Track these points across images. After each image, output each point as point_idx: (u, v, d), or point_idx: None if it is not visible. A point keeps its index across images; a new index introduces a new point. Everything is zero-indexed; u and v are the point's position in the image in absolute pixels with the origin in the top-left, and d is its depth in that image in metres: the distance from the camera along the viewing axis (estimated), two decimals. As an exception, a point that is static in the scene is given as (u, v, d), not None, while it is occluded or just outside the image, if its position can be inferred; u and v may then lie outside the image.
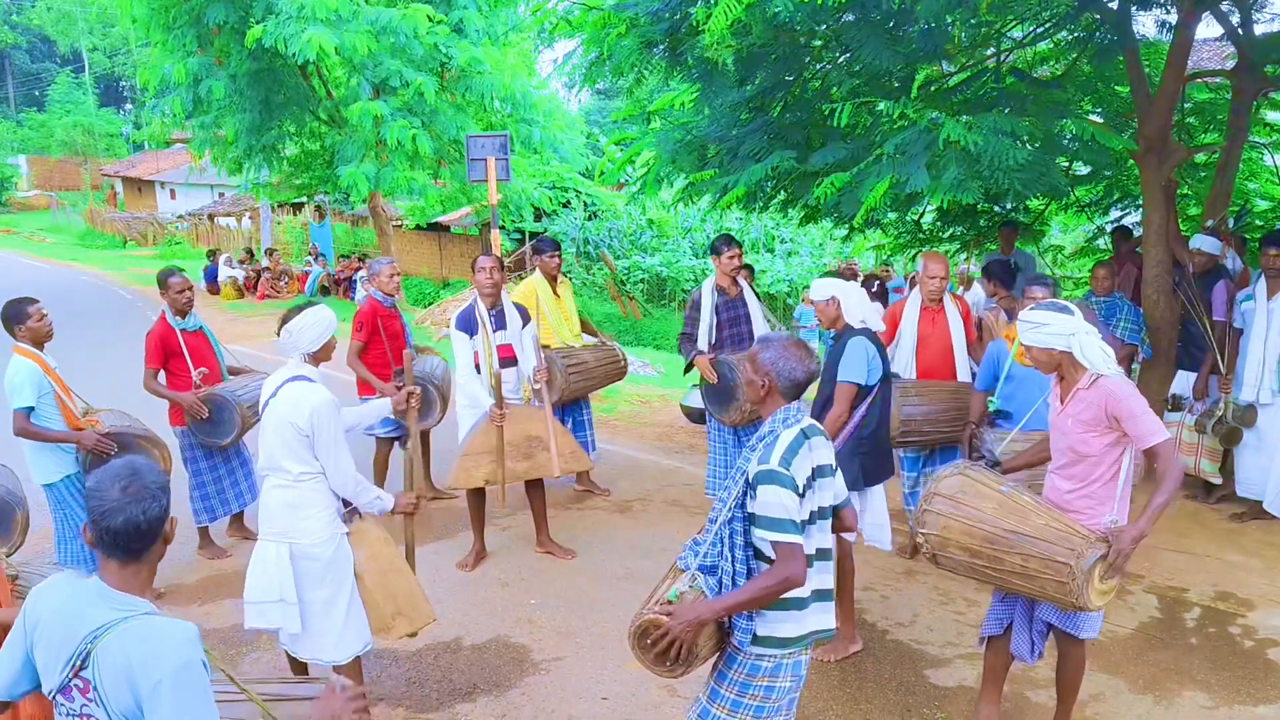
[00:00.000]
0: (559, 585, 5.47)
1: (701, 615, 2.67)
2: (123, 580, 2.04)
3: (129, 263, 28.28)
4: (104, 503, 2.00)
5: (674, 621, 2.65)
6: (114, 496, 2.00)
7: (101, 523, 2.00)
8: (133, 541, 2.02)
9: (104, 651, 1.93)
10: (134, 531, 2.01)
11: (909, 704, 4.21)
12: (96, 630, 1.95)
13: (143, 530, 2.02)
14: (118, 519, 1.99)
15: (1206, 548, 5.88)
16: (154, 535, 2.06)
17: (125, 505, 2.00)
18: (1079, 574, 3.22)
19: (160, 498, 2.06)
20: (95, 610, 1.99)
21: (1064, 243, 13.19)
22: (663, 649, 2.68)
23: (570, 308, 6.80)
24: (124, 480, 2.03)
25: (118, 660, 1.92)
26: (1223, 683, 4.34)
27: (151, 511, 2.03)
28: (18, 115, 54.72)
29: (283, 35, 12.31)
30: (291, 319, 3.77)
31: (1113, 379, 3.34)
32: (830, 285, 4.48)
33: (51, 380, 4.96)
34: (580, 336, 6.86)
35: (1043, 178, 5.53)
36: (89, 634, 1.95)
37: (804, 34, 6.16)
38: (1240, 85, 6.76)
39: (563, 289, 6.79)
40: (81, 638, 1.96)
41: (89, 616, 1.98)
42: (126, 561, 2.04)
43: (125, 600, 2.01)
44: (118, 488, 2.01)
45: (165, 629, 1.98)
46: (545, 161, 17.90)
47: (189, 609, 5.27)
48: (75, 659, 1.96)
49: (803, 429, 2.77)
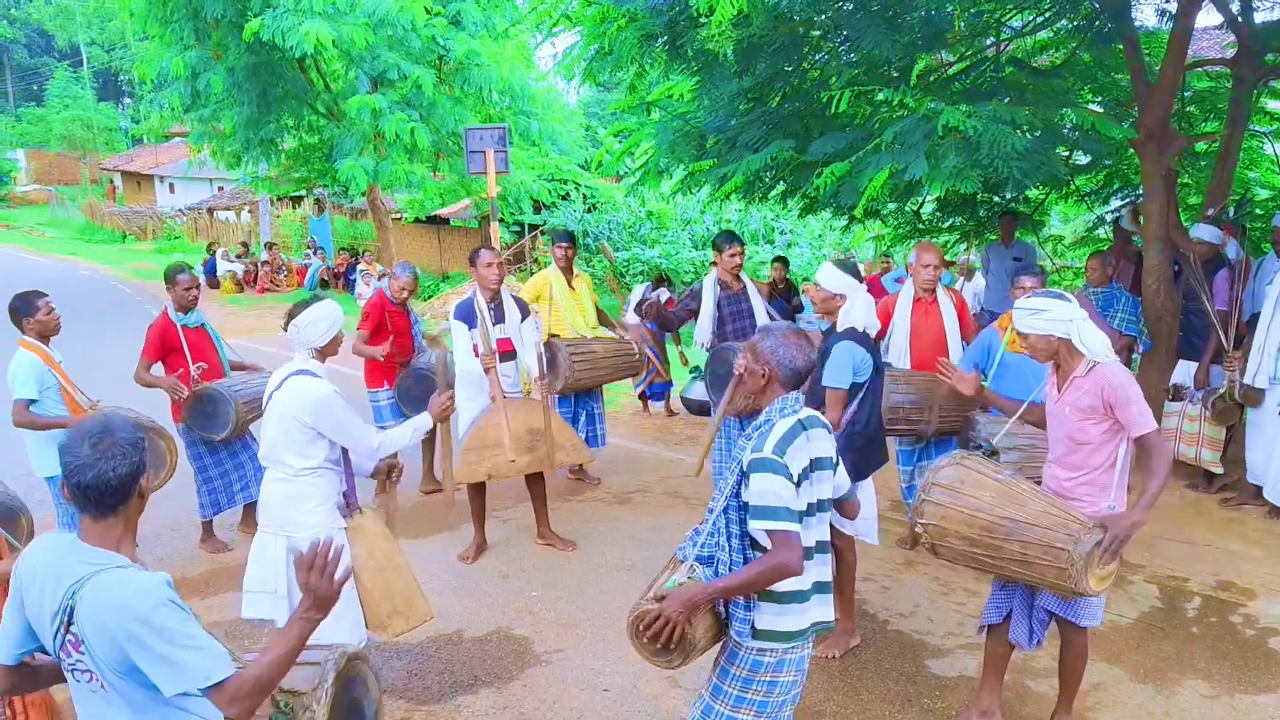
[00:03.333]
0: (560, 577, 5.48)
1: (694, 597, 2.65)
2: (98, 536, 2.07)
3: (128, 257, 28.28)
4: (76, 459, 2.03)
5: (666, 604, 2.65)
6: (85, 453, 2.02)
7: (73, 478, 2.03)
8: (104, 496, 2.04)
9: (83, 606, 1.97)
10: (105, 487, 2.03)
11: (910, 694, 4.21)
12: (74, 585, 1.98)
13: (114, 486, 2.04)
14: (88, 474, 2.02)
15: (1207, 537, 5.88)
16: (126, 491, 2.07)
17: (95, 461, 2.02)
18: (1077, 559, 3.23)
19: (131, 454, 2.07)
20: (71, 566, 2.01)
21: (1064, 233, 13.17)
22: (656, 633, 2.66)
23: (586, 300, 6.78)
24: (95, 436, 2.05)
25: (95, 613, 1.96)
26: (1224, 672, 4.35)
27: (122, 468, 2.05)
28: (16, 110, 54.71)
29: (280, 28, 12.29)
30: (299, 313, 3.76)
31: (1110, 366, 3.34)
32: (843, 281, 4.38)
33: (56, 374, 4.97)
34: (596, 328, 6.85)
35: (1042, 167, 5.52)
36: (67, 590, 1.98)
37: (803, 23, 6.14)
38: (1240, 74, 6.75)
39: (579, 282, 6.79)
40: (62, 594, 1.99)
41: (67, 572, 2.01)
42: (99, 516, 2.06)
43: (98, 555, 2.04)
44: (88, 444, 2.04)
45: (133, 578, 2.00)
46: (544, 154, 17.86)
47: (191, 602, 5.25)
48: (61, 614, 1.99)
49: (800, 419, 2.76)
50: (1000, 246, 8.75)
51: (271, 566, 3.67)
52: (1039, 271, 5.01)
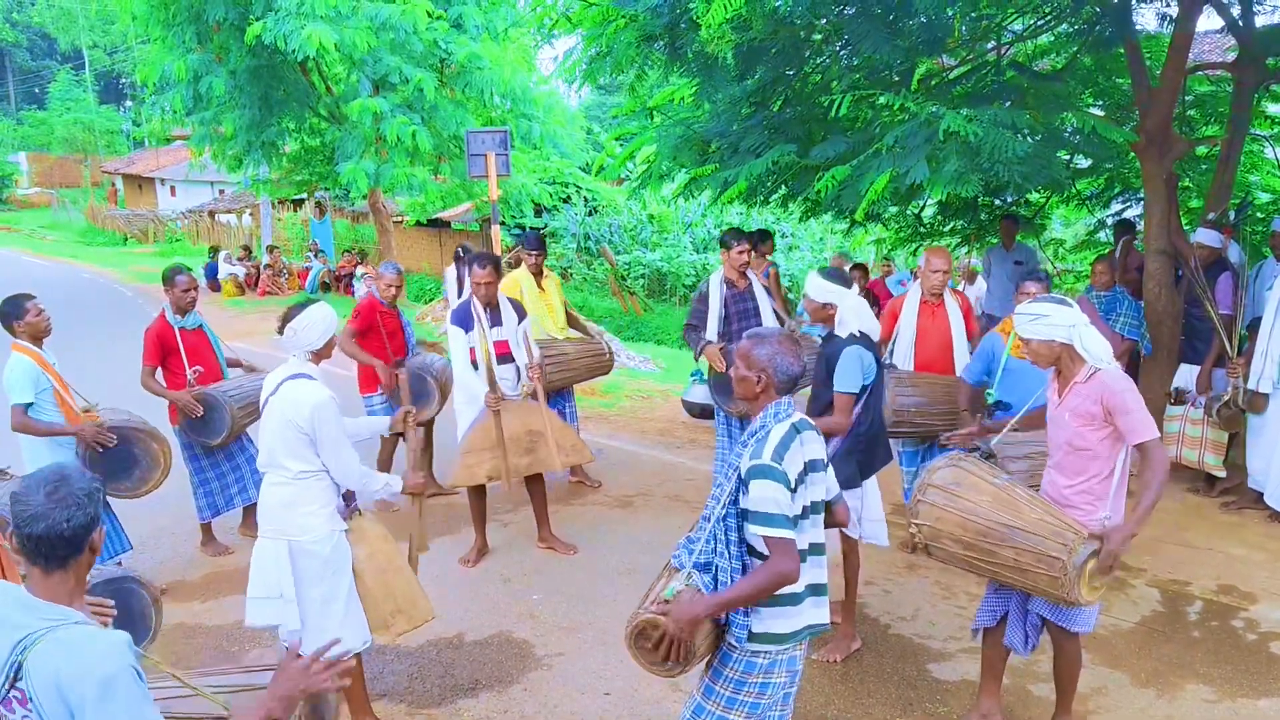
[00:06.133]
0: (561, 581, 5.47)
1: (698, 612, 2.67)
2: (48, 589, 1.96)
3: (130, 260, 28.28)
4: (27, 508, 1.92)
5: (671, 620, 2.65)
6: (38, 501, 1.92)
7: (24, 529, 1.92)
8: (55, 549, 1.93)
9: (34, 663, 1.85)
10: (56, 539, 1.92)
11: (911, 698, 4.21)
12: (23, 640, 1.87)
13: (65, 538, 1.93)
14: (39, 525, 1.91)
15: (1209, 541, 5.87)
16: (78, 544, 1.96)
17: (49, 511, 1.92)
18: (1070, 568, 3.22)
19: (86, 506, 1.96)
20: (22, 619, 1.90)
21: (1065, 236, 13.18)
22: (661, 648, 2.67)
23: (555, 301, 6.82)
24: (50, 485, 1.95)
25: (47, 673, 1.85)
26: (1225, 676, 4.34)
27: (76, 520, 1.94)
28: (18, 113, 54.72)
29: (282, 31, 12.29)
30: (294, 317, 3.76)
31: (1110, 372, 3.34)
32: (828, 290, 4.35)
33: (50, 376, 4.96)
34: (566, 330, 6.86)
35: (1043, 170, 5.53)
36: (17, 645, 1.87)
37: (804, 28, 6.15)
38: (1241, 78, 6.76)
39: (548, 282, 6.81)
40: (10, 648, 1.87)
41: (16, 625, 1.90)
42: (50, 570, 1.95)
43: (51, 610, 1.93)
44: (43, 493, 1.93)
45: (91, 640, 1.90)
46: (545, 157, 17.87)
47: (191, 605, 5.28)
48: (8, 670, 1.87)
49: (794, 424, 2.77)
50: (1001, 250, 8.75)
51: (275, 571, 3.66)
52: (1043, 276, 5.01)
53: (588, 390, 9.67)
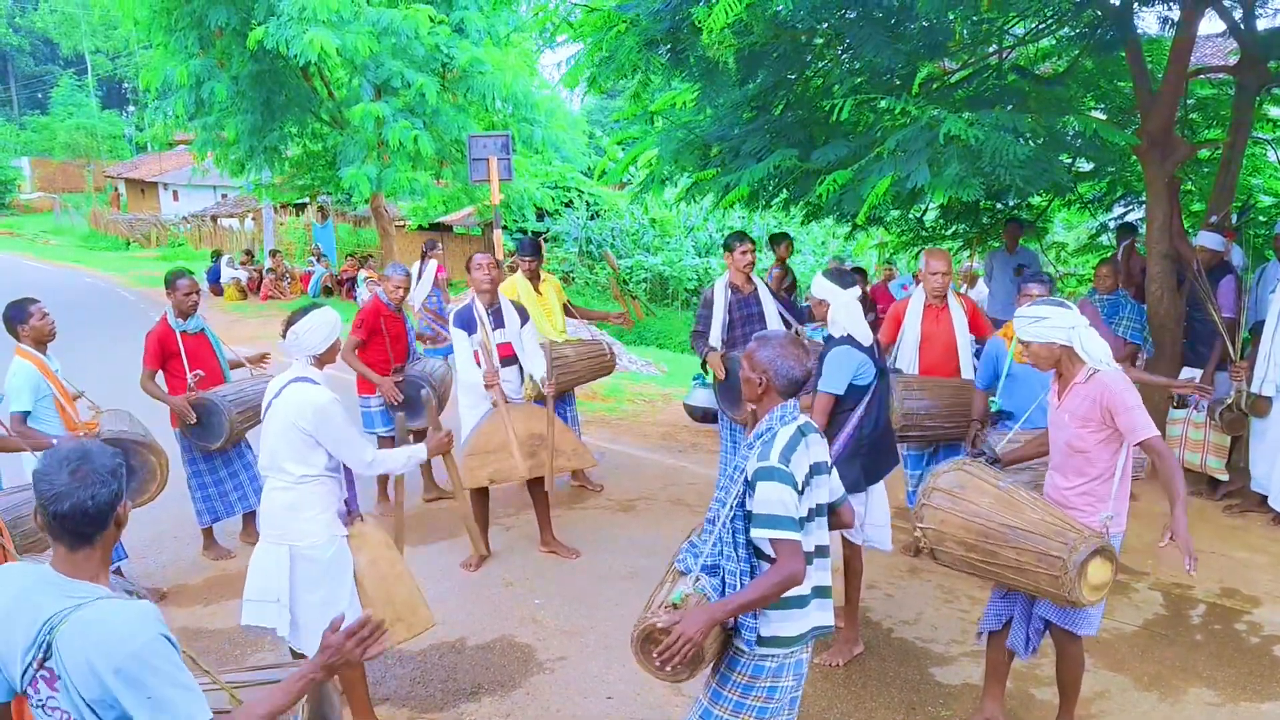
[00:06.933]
0: (563, 585, 5.47)
1: (714, 617, 2.65)
2: (74, 566, 1.99)
3: (132, 264, 28.31)
4: (52, 487, 1.94)
5: (684, 626, 2.62)
6: (62, 480, 1.95)
7: (50, 507, 1.94)
8: (82, 526, 1.96)
9: (64, 642, 1.87)
10: (82, 516, 1.95)
11: (914, 702, 4.20)
12: (51, 620, 1.89)
13: (91, 515, 1.96)
14: (65, 504, 1.94)
15: (1212, 544, 5.86)
16: (104, 520, 1.99)
17: (74, 490, 1.94)
18: (1071, 568, 3.22)
19: (110, 482, 1.99)
20: (47, 599, 1.93)
21: (1067, 240, 13.17)
22: (672, 654, 2.64)
23: (553, 304, 6.81)
24: (73, 463, 1.97)
25: (78, 650, 1.87)
26: (1228, 680, 4.34)
27: (100, 496, 1.97)
28: (21, 118, 54.85)
29: (284, 37, 12.31)
30: (297, 321, 3.76)
31: (1109, 373, 3.35)
32: (824, 288, 4.37)
33: (50, 384, 4.96)
34: (565, 332, 6.86)
35: (1045, 174, 5.53)
36: (44, 624, 1.89)
37: (805, 32, 6.16)
38: (1243, 81, 6.76)
39: (546, 285, 6.81)
40: (38, 628, 1.89)
41: (42, 606, 1.92)
42: (76, 546, 1.98)
43: (77, 587, 1.95)
44: (66, 471, 1.95)
45: (120, 611, 1.92)
46: (547, 161, 17.87)
47: (193, 609, 5.28)
48: (36, 650, 1.89)
49: (799, 426, 2.77)
50: (1003, 254, 8.75)
51: (273, 575, 3.66)
52: (1046, 279, 5.01)
53: (590, 394, 9.68)
